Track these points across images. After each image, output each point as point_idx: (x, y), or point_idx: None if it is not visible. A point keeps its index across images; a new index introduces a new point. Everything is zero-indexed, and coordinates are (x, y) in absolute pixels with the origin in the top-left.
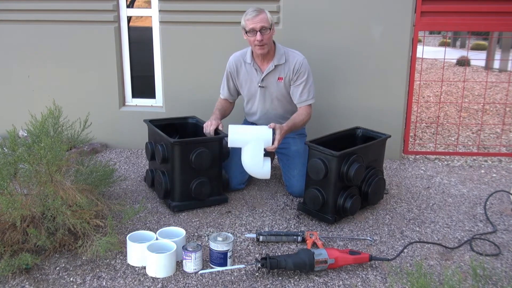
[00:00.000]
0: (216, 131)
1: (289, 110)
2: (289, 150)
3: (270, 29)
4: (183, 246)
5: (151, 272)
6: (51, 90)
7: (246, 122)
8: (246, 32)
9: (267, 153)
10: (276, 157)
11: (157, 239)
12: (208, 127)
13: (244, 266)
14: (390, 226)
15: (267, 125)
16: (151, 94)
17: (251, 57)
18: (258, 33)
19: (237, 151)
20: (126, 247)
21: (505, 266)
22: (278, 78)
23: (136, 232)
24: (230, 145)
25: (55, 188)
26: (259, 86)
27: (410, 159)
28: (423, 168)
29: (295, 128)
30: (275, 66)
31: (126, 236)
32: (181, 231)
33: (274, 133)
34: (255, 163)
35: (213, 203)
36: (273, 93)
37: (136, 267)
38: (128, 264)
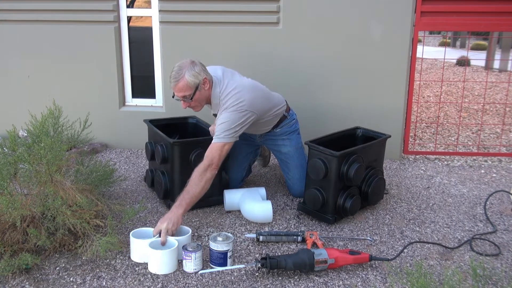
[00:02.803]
0: None
1: (263, 123)
2: (280, 152)
3: (194, 93)
4: (183, 246)
5: (152, 268)
6: (51, 90)
7: None
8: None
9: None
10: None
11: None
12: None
13: (244, 266)
14: (390, 226)
15: (254, 134)
16: (151, 94)
17: None
18: (182, 102)
19: (237, 151)
20: (128, 245)
21: (505, 266)
22: None
23: (139, 228)
24: (227, 209)
25: (55, 188)
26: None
27: (410, 159)
28: (423, 168)
29: (188, 196)
30: (213, 114)
31: (129, 233)
32: (187, 229)
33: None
34: (255, 214)
35: (213, 203)
36: None
37: (137, 266)
38: (128, 264)
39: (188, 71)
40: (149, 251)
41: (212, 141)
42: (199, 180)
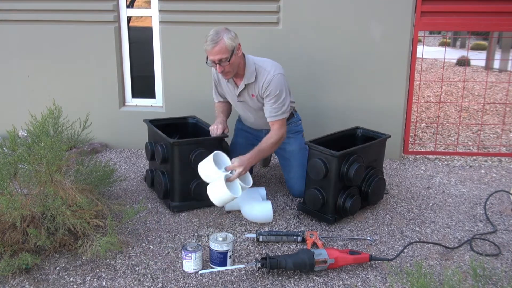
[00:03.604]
0: (222, 135)
1: None
2: (284, 151)
3: (231, 57)
4: (183, 246)
5: (211, 194)
6: (51, 90)
7: (240, 124)
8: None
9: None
10: (275, 157)
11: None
12: (215, 131)
13: (244, 266)
14: (390, 226)
15: (261, 129)
16: (151, 94)
17: None
18: (217, 65)
19: (238, 151)
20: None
21: (505, 266)
22: (251, 95)
23: (220, 152)
24: (227, 209)
25: (55, 188)
26: (238, 100)
27: (410, 159)
28: (423, 168)
29: (263, 154)
30: (245, 85)
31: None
32: (249, 180)
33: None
34: (255, 214)
35: (213, 203)
36: (252, 106)
37: (137, 266)
38: (128, 264)
39: (226, 34)
40: (219, 182)
41: (279, 119)
42: (272, 147)
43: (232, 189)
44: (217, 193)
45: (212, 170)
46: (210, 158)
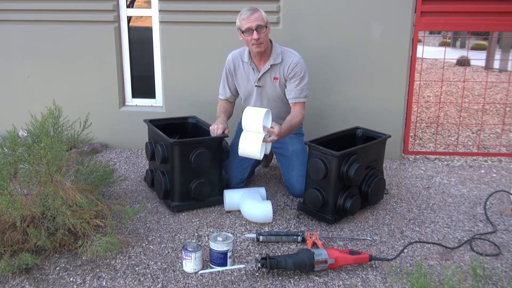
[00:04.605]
0: (222, 134)
1: (286, 110)
2: (286, 150)
3: (266, 27)
4: (183, 246)
5: (244, 143)
6: (51, 90)
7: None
8: (242, 32)
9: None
10: (275, 157)
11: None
12: (215, 131)
13: (244, 266)
14: (390, 226)
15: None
16: (151, 94)
17: (248, 56)
18: (255, 32)
19: (237, 152)
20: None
21: (505, 266)
22: (274, 78)
23: (270, 113)
24: (227, 209)
25: (55, 188)
26: (256, 86)
27: (410, 159)
28: (423, 168)
29: (292, 130)
30: (271, 65)
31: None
32: (268, 150)
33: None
34: (255, 214)
35: (213, 203)
36: (269, 93)
37: (137, 266)
38: (128, 264)
39: (260, 9)
40: (258, 138)
41: (302, 101)
42: (297, 125)
43: (261, 150)
44: (250, 146)
45: (258, 123)
46: (263, 112)
